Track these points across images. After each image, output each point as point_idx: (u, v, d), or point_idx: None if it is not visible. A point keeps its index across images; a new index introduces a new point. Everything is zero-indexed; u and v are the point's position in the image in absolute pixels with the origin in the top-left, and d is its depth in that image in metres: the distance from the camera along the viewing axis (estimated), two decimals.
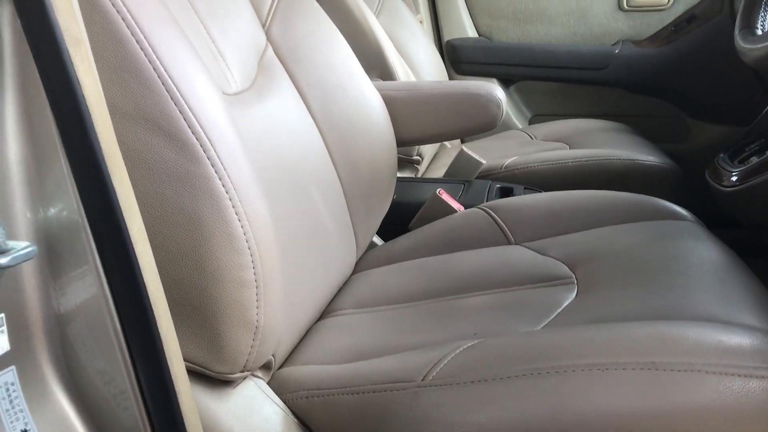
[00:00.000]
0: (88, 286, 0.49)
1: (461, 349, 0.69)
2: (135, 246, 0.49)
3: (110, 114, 0.59)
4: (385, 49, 1.51)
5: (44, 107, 0.45)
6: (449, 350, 0.69)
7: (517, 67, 2.07)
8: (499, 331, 0.76)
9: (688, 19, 1.95)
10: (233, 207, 0.62)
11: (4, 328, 0.45)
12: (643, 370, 0.58)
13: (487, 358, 0.65)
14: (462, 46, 2.10)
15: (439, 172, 1.60)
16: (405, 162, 1.52)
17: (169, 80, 0.61)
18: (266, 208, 0.68)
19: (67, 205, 0.47)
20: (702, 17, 1.92)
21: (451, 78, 2.12)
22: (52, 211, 0.48)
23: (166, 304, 0.52)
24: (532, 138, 1.83)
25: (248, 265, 0.63)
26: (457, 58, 2.10)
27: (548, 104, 2.12)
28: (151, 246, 0.60)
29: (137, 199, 0.59)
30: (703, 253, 0.87)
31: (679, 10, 1.97)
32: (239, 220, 0.62)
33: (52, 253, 0.48)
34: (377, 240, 1.21)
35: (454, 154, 1.51)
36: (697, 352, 0.59)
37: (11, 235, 0.45)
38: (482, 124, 1.18)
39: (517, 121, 2.10)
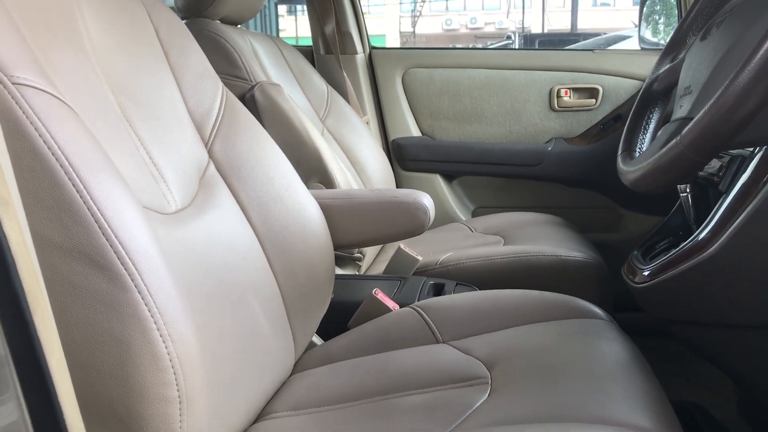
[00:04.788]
0: (8, 411, 0.54)
1: None
2: (53, 375, 0.54)
3: (49, 248, 0.67)
4: (324, 157, 1.61)
5: None
6: None
7: (458, 164, 2.19)
8: None
9: (614, 118, 2.11)
10: (158, 330, 0.68)
11: None
12: None
13: None
14: (407, 144, 2.22)
15: (381, 267, 1.68)
16: (347, 260, 1.60)
17: (101, 216, 0.68)
18: (191, 327, 0.74)
19: None
20: (626, 116, 2.06)
21: (397, 174, 2.23)
22: None
23: (83, 426, 0.57)
24: (472, 231, 1.93)
25: (171, 382, 0.68)
26: (403, 155, 2.22)
27: (489, 198, 2.24)
28: (83, 366, 0.67)
29: (71, 325, 0.66)
30: (607, 354, 0.95)
31: (606, 110, 2.12)
32: (163, 341, 0.68)
33: None
34: (317, 339, 1.27)
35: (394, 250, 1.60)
36: None
37: None
38: (411, 229, 1.27)
39: (460, 214, 2.21)
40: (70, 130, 0.70)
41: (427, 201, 1.27)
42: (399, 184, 2.23)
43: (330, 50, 2.21)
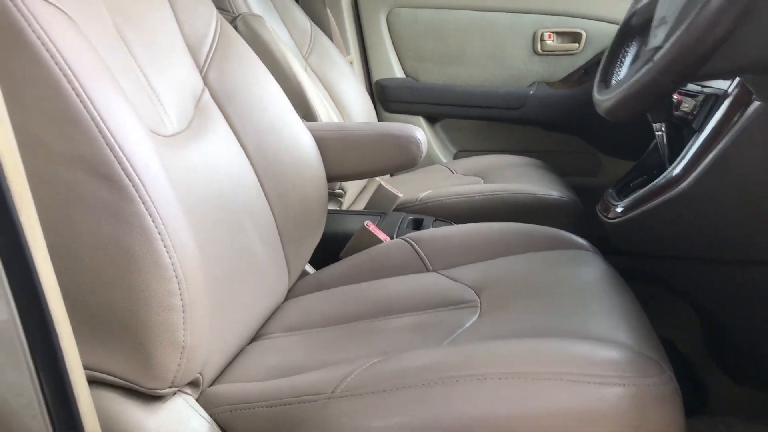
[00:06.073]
0: None
1: (368, 364, 0.78)
2: (39, 273, 0.55)
3: (53, 157, 0.67)
4: (306, 91, 1.61)
5: None
6: (358, 366, 0.78)
7: (441, 106, 2.20)
8: (406, 349, 0.85)
9: (597, 62, 2.11)
10: (162, 240, 0.70)
11: None
12: (515, 379, 0.67)
13: (388, 372, 0.74)
14: (390, 86, 2.22)
15: (362, 204, 1.70)
16: (329, 195, 1.62)
17: (105, 128, 0.68)
18: (193, 239, 0.75)
19: None
20: None
21: (379, 115, 2.23)
22: None
23: (69, 323, 0.58)
24: (452, 172, 1.95)
25: (175, 291, 0.70)
26: (386, 97, 2.22)
27: (471, 140, 2.25)
28: (88, 274, 0.68)
29: (76, 233, 0.68)
30: (591, 278, 0.98)
31: (589, 54, 2.13)
32: (167, 252, 0.70)
33: None
34: (309, 269, 1.29)
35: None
36: (562, 363, 0.69)
37: None
38: (404, 162, 1.29)
39: (442, 156, 2.23)
40: (73, 41, 0.70)
41: (420, 135, 1.29)
42: None
43: None
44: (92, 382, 0.69)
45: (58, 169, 0.67)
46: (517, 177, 1.75)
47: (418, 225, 1.42)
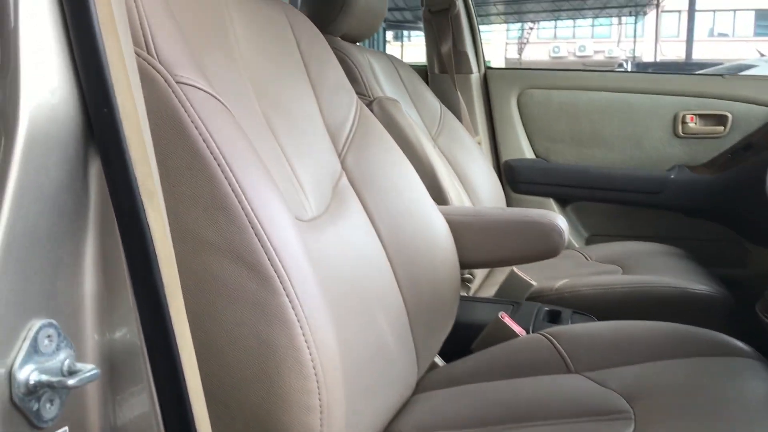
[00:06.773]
0: (141, 402, 0.53)
1: None
2: (185, 370, 0.54)
3: (202, 247, 0.67)
4: (438, 174, 1.59)
5: (118, 248, 0.51)
6: None
7: (573, 188, 2.12)
8: None
9: (744, 147, 1.98)
10: (303, 335, 0.67)
11: None
12: None
13: None
14: (519, 166, 2.17)
15: (491, 290, 1.62)
16: None
17: (255, 218, 0.67)
18: (333, 334, 0.72)
19: (130, 331, 0.52)
20: (759, 145, 1.95)
21: (507, 196, 2.18)
22: (117, 335, 0.53)
23: (209, 422, 0.56)
24: (587, 259, 1.85)
25: (314, 390, 0.67)
26: (515, 177, 2.17)
27: (605, 225, 2.15)
28: (229, 368, 0.66)
29: (219, 324, 0.66)
30: (762, 393, 0.87)
31: (735, 137, 2.00)
32: (308, 348, 0.67)
33: (114, 371, 0.53)
34: (438, 360, 1.23)
35: (506, 272, 1.54)
36: None
37: (80, 356, 0.50)
38: (544, 251, 1.22)
39: (574, 241, 2.13)
40: (229, 131, 0.70)
41: (561, 222, 1.21)
42: (510, 207, 2.18)
43: (445, 69, 2.19)
44: None
45: (206, 257, 0.66)
46: (659, 267, 1.63)
47: (555, 318, 1.33)
